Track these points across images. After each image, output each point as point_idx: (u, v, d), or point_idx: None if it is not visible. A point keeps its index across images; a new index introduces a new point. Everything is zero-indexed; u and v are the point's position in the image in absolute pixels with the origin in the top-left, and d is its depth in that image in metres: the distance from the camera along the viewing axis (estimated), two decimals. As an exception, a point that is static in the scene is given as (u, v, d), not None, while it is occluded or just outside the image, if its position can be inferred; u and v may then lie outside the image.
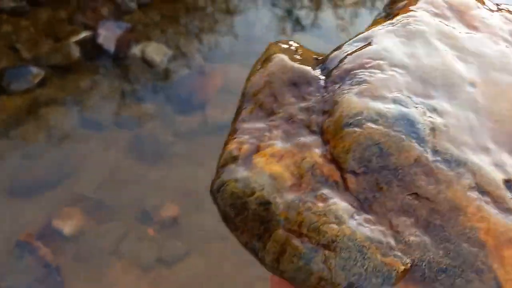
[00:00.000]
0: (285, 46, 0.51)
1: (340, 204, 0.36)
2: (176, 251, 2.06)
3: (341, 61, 0.45)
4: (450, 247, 0.34)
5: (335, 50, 0.47)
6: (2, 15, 2.93)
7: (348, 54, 0.46)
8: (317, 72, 0.45)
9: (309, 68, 0.46)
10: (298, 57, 0.49)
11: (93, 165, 2.29)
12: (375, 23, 0.52)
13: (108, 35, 2.85)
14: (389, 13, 0.53)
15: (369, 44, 0.46)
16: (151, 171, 2.28)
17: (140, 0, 3.12)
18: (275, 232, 0.37)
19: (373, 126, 0.38)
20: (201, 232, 2.12)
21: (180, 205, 2.20)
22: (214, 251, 2.06)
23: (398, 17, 0.49)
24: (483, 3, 0.51)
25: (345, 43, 0.48)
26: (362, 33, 0.48)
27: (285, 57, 0.47)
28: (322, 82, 0.45)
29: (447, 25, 0.47)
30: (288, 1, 3.34)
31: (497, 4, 0.51)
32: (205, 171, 2.27)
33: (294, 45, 0.51)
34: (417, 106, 0.40)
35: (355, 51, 0.46)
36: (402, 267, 0.34)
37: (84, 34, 2.88)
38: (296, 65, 0.47)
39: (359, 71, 0.43)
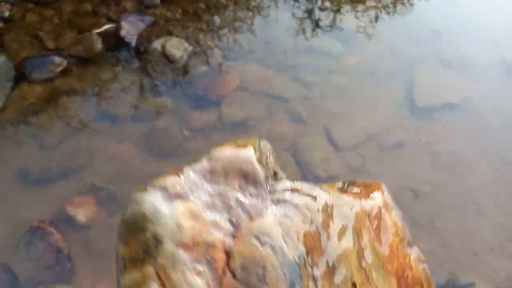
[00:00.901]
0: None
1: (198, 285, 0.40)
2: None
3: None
4: None
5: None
6: (28, 4, 2.97)
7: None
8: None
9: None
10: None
11: (108, 157, 2.31)
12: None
13: (130, 28, 2.87)
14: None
15: None
16: (163, 165, 2.29)
17: (163, -5, 3.13)
18: (145, 267, 0.41)
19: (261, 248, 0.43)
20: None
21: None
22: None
23: None
24: None
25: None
26: None
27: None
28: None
29: None
30: (308, 2, 3.32)
31: None
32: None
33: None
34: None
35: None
36: None
37: (107, 26, 2.90)
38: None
39: None
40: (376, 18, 3.28)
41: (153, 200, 0.43)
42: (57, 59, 2.66)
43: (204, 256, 0.43)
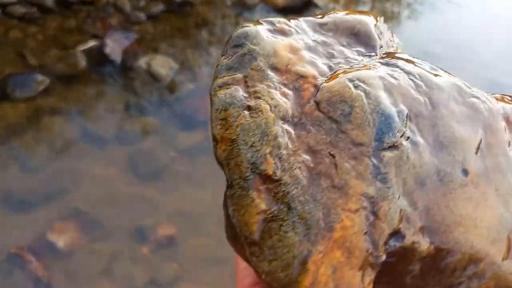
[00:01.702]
0: None
1: (281, 101, 0.44)
2: (171, 273, 2.00)
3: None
4: None
5: None
6: (12, 21, 2.90)
7: None
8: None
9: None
10: None
11: (91, 180, 2.24)
12: None
13: (115, 45, 2.81)
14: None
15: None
16: (149, 188, 2.23)
17: (149, 11, 3.07)
18: (236, 73, 0.46)
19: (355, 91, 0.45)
20: (198, 255, 2.05)
21: (177, 225, 2.14)
22: (210, 275, 2.00)
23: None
24: None
25: None
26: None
27: None
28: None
29: None
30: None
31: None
32: (204, 191, 2.22)
33: None
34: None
35: None
36: None
37: (91, 44, 2.84)
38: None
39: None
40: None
41: (258, 28, 0.47)
42: (39, 77, 2.59)
43: (293, 83, 0.45)
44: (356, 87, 0.44)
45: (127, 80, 2.75)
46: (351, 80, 0.45)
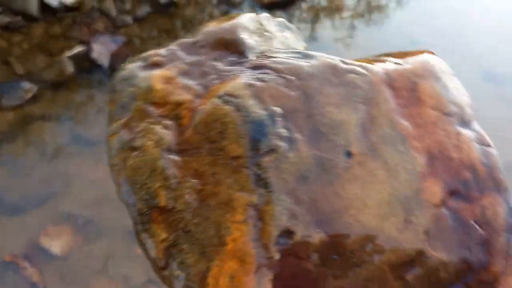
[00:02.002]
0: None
1: (162, 133, 0.47)
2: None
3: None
4: None
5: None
6: (-4, 30, 2.88)
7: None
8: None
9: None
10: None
11: (83, 183, 2.21)
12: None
13: (102, 49, 2.79)
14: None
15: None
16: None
17: (135, 14, 3.06)
18: (120, 119, 0.48)
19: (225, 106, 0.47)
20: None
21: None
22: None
23: None
24: None
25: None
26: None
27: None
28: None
29: None
30: (287, 15, 3.28)
31: None
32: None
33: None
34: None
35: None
36: None
37: (78, 49, 2.83)
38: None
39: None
40: (353, 28, 3.25)
41: (132, 68, 0.51)
42: (27, 85, 2.57)
43: (172, 113, 0.48)
44: (226, 103, 0.47)
45: (116, 83, 2.72)
46: (220, 97, 0.47)
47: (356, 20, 3.35)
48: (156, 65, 0.52)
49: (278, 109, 0.47)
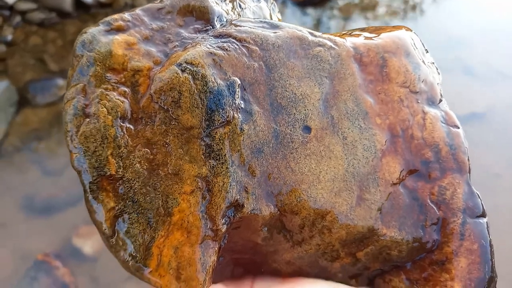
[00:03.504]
0: None
1: (117, 101, 0.47)
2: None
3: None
4: None
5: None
6: (31, 27, 2.87)
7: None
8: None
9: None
10: None
11: (114, 182, 2.16)
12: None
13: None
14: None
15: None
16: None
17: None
18: (77, 84, 0.47)
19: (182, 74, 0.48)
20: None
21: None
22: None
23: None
24: None
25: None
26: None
27: None
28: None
29: None
30: (316, 12, 3.19)
31: None
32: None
33: None
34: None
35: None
36: None
37: (111, 46, 2.77)
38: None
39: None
40: (388, 25, 3.13)
41: (94, 31, 0.49)
42: (60, 82, 2.54)
43: (130, 79, 0.48)
44: (183, 70, 0.47)
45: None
46: (179, 65, 0.47)
47: (391, 17, 3.24)
48: (119, 29, 0.51)
49: (237, 80, 0.47)
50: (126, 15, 0.51)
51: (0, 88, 2.55)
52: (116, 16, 0.51)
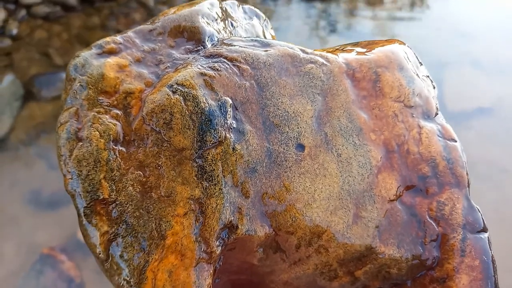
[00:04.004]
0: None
1: (110, 123, 0.47)
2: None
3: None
4: None
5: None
6: (36, 21, 2.86)
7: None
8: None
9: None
10: None
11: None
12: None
13: (140, 41, 2.72)
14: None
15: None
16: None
17: (172, 4, 2.99)
18: (70, 108, 0.47)
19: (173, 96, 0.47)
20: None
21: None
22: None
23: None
24: None
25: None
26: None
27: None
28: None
29: None
30: (323, 4, 3.16)
31: None
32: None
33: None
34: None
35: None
36: None
37: (116, 40, 2.76)
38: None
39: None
40: (394, 18, 3.11)
41: (87, 55, 0.50)
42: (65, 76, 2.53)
43: (122, 102, 0.48)
44: (174, 92, 0.46)
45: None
46: (170, 86, 0.47)
47: (397, 13, 3.21)
48: (111, 52, 0.51)
49: (229, 100, 0.47)
50: (118, 38, 0.52)
51: (5, 82, 2.55)
52: (108, 39, 0.51)
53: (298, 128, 0.48)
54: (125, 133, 0.47)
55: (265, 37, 0.60)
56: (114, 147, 0.46)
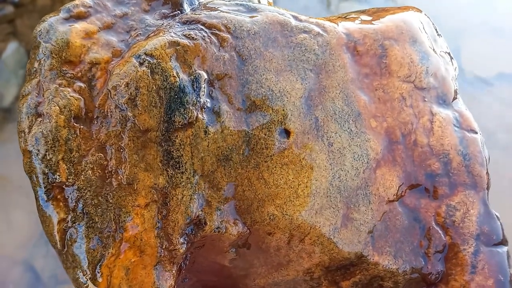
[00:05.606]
0: None
1: (72, 98, 0.42)
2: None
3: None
4: None
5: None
6: None
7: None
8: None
9: None
10: None
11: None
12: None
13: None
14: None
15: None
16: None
17: None
18: (33, 79, 0.45)
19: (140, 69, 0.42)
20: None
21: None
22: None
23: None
24: None
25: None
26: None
27: None
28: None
29: None
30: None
31: None
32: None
33: None
34: None
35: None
36: None
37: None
38: None
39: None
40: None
41: (52, 20, 0.45)
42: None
43: (87, 74, 0.43)
44: (141, 63, 0.42)
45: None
46: (138, 57, 0.42)
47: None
48: (79, 17, 0.46)
49: (203, 74, 0.42)
50: (88, 0, 0.46)
51: (9, 50, 2.49)
52: (77, 1, 0.46)
53: (283, 110, 0.42)
54: (88, 109, 0.42)
55: (259, 2, 0.54)
56: (75, 124, 0.42)
